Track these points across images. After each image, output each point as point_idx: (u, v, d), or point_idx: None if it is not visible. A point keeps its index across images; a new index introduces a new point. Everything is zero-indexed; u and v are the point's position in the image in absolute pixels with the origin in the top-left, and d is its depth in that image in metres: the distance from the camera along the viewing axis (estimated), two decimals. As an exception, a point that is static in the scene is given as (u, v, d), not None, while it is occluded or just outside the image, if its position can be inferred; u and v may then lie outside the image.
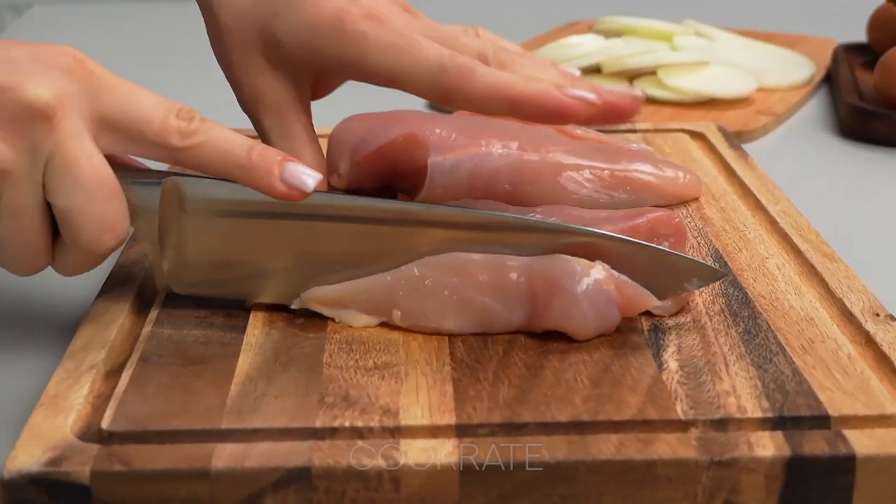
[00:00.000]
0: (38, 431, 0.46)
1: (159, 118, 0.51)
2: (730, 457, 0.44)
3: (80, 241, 0.51)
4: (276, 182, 0.51)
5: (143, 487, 0.44)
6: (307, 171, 0.51)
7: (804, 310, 0.56)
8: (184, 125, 0.51)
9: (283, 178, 0.51)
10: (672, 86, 0.95)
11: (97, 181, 0.50)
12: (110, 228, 0.51)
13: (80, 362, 0.51)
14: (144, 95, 0.51)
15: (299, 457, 0.44)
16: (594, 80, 0.98)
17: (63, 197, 0.50)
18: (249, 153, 0.51)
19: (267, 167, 0.51)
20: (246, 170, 0.51)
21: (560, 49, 1.02)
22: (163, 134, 0.51)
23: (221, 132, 0.52)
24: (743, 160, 0.77)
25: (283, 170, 0.51)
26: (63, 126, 0.49)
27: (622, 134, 0.83)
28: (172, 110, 0.51)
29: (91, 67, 0.51)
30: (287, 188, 0.51)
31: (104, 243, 0.51)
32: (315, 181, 0.51)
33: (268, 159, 0.51)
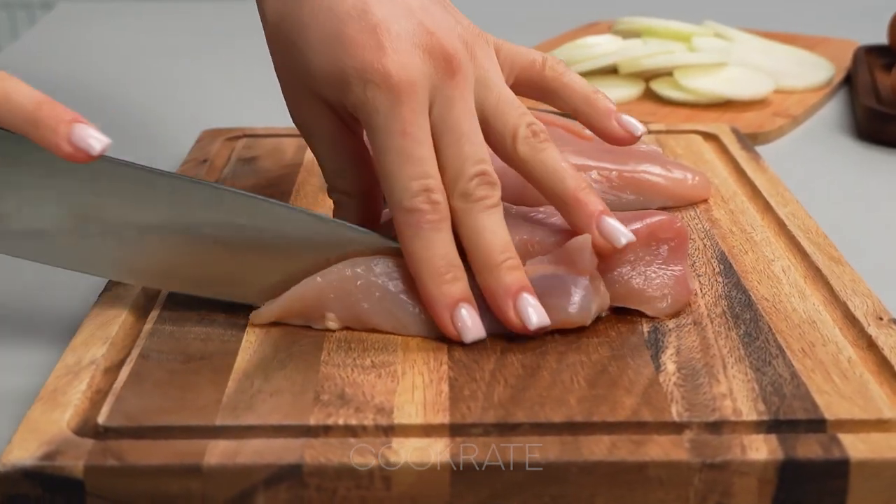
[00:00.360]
0: (35, 426, 0.46)
1: None
2: (722, 459, 0.44)
3: None
4: (63, 141, 0.50)
5: (135, 483, 0.44)
6: (95, 133, 0.50)
7: (807, 313, 0.55)
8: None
9: (70, 139, 0.50)
10: (688, 87, 0.95)
11: None
12: None
13: (80, 358, 0.51)
14: None
15: (291, 454, 0.44)
16: (610, 81, 0.98)
17: None
18: (38, 108, 0.50)
19: (54, 125, 0.50)
20: (33, 125, 0.50)
21: (577, 49, 1.02)
22: None
23: (14, 85, 0.51)
24: (755, 162, 0.76)
25: (70, 130, 0.50)
26: None
27: (635, 135, 0.83)
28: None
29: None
30: (73, 149, 0.50)
31: None
32: (102, 145, 0.50)
33: (56, 117, 0.50)
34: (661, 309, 0.55)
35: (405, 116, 0.53)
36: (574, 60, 1.00)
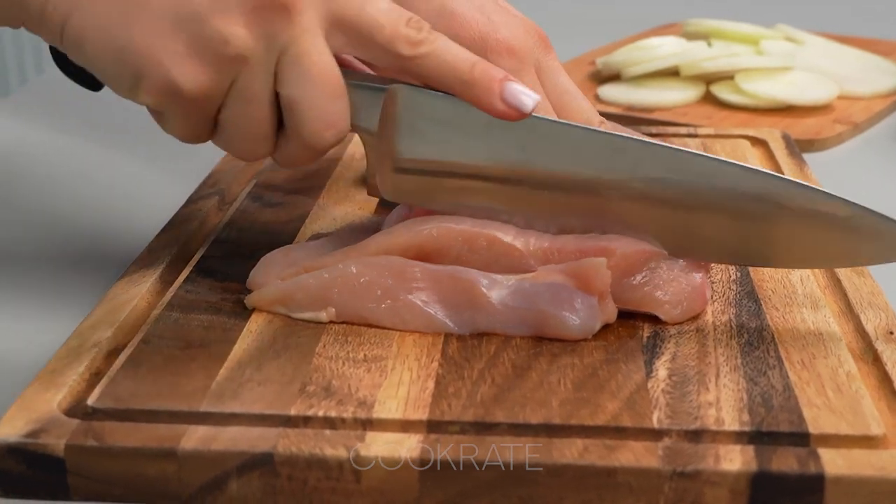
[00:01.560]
0: (28, 404, 0.48)
1: (390, 24, 0.52)
2: (693, 468, 0.44)
3: (302, 133, 0.52)
4: (496, 100, 0.52)
5: (113, 463, 0.45)
6: (526, 91, 0.52)
7: (815, 324, 0.54)
8: (413, 34, 0.52)
9: (503, 97, 0.52)
10: (748, 91, 0.93)
11: (324, 77, 0.51)
12: (332, 125, 0.52)
13: (84, 340, 0.53)
14: (379, 1, 0.52)
15: (265, 443, 0.45)
16: (670, 83, 0.97)
17: (291, 88, 0.51)
18: (473, 68, 0.52)
19: (487, 84, 0.52)
20: (468, 85, 0.52)
21: (639, 50, 1.01)
22: (392, 40, 0.52)
23: (447, 45, 0.52)
24: (798, 169, 0.75)
25: (503, 88, 0.52)
26: (300, 20, 0.50)
27: (681, 138, 0.82)
28: (403, 18, 0.52)
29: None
30: (506, 107, 0.52)
31: (324, 139, 0.52)
32: (534, 102, 0.52)
33: (489, 76, 0.52)
34: (673, 315, 0.54)
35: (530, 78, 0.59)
36: (635, 62, 0.99)
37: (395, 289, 0.53)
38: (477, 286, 0.53)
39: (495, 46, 0.58)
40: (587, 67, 1.06)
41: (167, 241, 0.63)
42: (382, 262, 0.54)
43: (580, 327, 0.52)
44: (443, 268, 0.54)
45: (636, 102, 0.94)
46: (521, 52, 0.58)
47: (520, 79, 0.57)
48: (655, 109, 0.93)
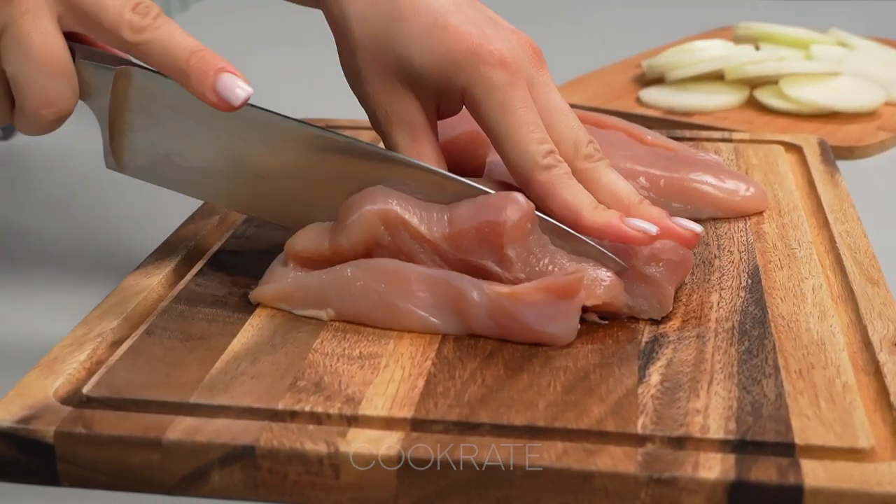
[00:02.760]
0: (25, 391, 0.49)
1: (115, 9, 0.53)
2: (670, 475, 0.43)
3: (24, 109, 0.54)
4: (209, 91, 0.52)
5: (100, 451, 0.46)
6: (241, 84, 0.53)
7: (820, 334, 0.54)
8: (136, 19, 0.53)
9: (216, 88, 0.52)
10: (791, 96, 0.92)
11: (44, 57, 0.53)
12: (49, 104, 0.54)
13: (90, 330, 0.54)
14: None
15: (247, 436, 0.46)
16: (714, 86, 0.96)
17: (11, 65, 0.53)
18: (190, 58, 0.53)
19: (202, 75, 0.53)
20: (184, 74, 0.53)
21: (684, 53, 1.00)
22: (117, 25, 0.53)
23: (170, 32, 0.53)
24: (829, 176, 0.74)
25: (216, 80, 0.52)
26: (21, 1, 0.52)
27: (714, 143, 0.81)
28: (129, 4, 0.53)
29: None
30: (217, 98, 0.53)
31: (43, 116, 0.54)
32: (246, 94, 0.53)
33: (204, 66, 0.53)
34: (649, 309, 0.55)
35: (522, 93, 0.58)
36: (679, 65, 0.98)
37: (388, 293, 0.54)
38: (466, 295, 0.53)
39: (487, 58, 0.58)
40: (633, 70, 1.06)
41: (185, 235, 0.64)
42: (378, 266, 0.54)
43: (563, 336, 0.53)
44: (436, 273, 0.54)
45: (676, 106, 0.93)
46: (512, 65, 0.58)
47: (513, 93, 0.58)
48: (695, 113, 0.92)
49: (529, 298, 0.52)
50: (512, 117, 0.58)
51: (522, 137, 0.58)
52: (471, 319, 0.53)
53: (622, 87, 1.00)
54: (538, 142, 0.58)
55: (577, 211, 0.57)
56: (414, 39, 0.59)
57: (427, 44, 0.59)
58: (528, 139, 0.58)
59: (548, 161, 0.57)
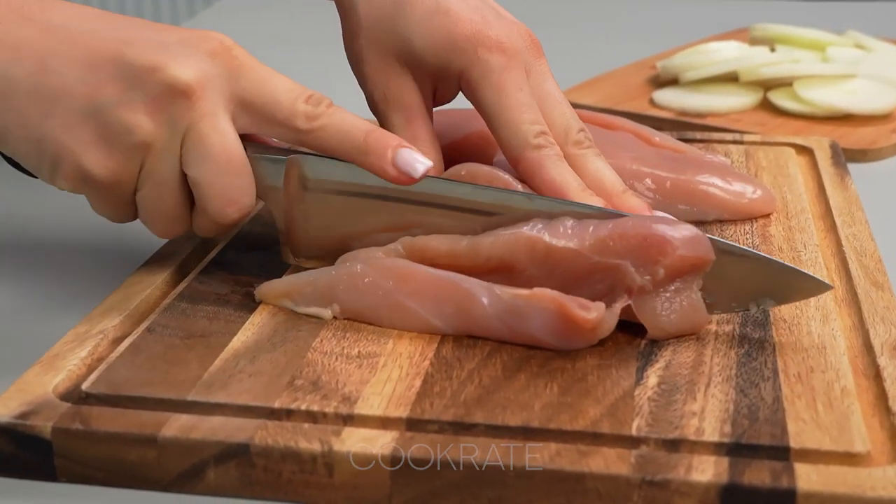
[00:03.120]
0: (25, 387, 0.49)
1: (289, 102, 0.54)
2: (662, 478, 0.43)
3: (207, 210, 0.55)
4: (388, 166, 0.54)
5: (97, 447, 0.46)
6: (419, 157, 0.54)
7: (821, 337, 0.53)
8: (310, 110, 0.54)
9: (395, 163, 0.54)
10: (805, 98, 0.91)
11: (225, 157, 0.54)
12: (233, 202, 0.55)
13: (92, 326, 0.54)
14: (279, 81, 0.55)
15: (243, 434, 0.46)
16: (727, 88, 0.96)
17: (194, 169, 0.54)
18: (367, 137, 0.54)
19: (381, 151, 0.54)
20: (362, 153, 0.54)
21: (698, 55, 1.00)
22: (291, 117, 0.54)
23: (343, 117, 0.55)
24: (840, 178, 0.73)
25: (395, 155, 0.54)
26: (200, 105, 0.53)
27: (724, 145, 0.81)
28: (303, 96, 0.55)
29: (235, 53, 0.54)
30: (398, 173, 0.54)
31: (228, 215, 0.55)
32: (425, 168, 0.54)
33: (382, 144, 0.54)
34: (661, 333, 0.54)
35: (517, 76, 0.60)
36: (693, 66, 0.98)
37: (395, 291, 0.54)
38: (475, 297, 0.53)
39: (486, 42, 0.60)
40: (648, 71, 1.05)
41: (190, 233, 0.65)
42: (387, 264, 0.55)
43: (567, 348, 0.52)
44: (445, 274, 0.54)
45: (689, 107, 0.93)
46: (510, 50, 0.60)
47: (508, 76, 0.60)
48: (708, 115, 0.92)
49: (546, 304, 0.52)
50: (506, 98, 0.60)
51: (515, 117, 0.60)
52: (475, 321, 0.53)
53: (636, 89, 1.00)
54: (530, 122, 0.60)
55: (564, 191, 0.58)
56: (416, 22, 0.62)
57: (428, 27, 0.61)
58: (520, 119, 0.60)
59: (539, 141, 0.59)
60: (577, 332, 0.51)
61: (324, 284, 0.55)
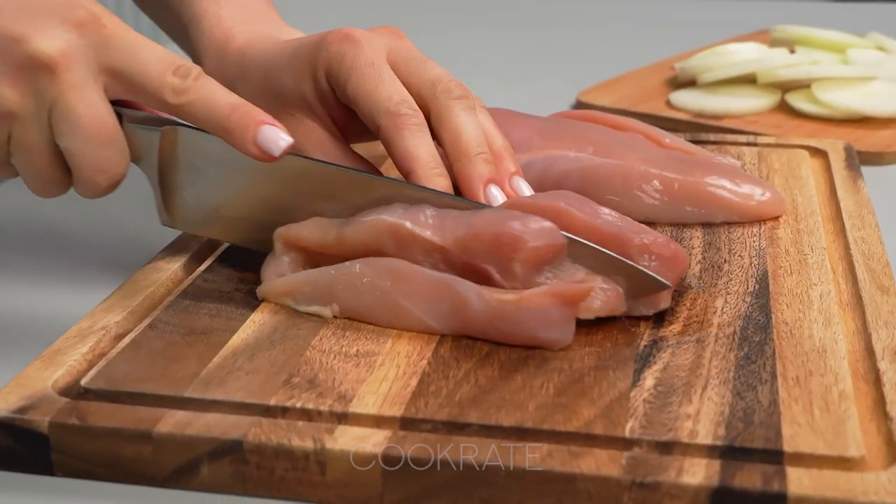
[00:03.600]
0: (25, 381, 0.50)
1: (157, 74, 0.54)
2: (653, 480, 0.43)
3: (79, 178, 0.56)
4: (250, 144, 0.54)
5: (94, 443, 0.47)
6: (282, 135, 0.54)
7: (822, 341, 0.53)
8: (177, 82, 0.54)
9: (256, 141, 0.54)
10: (823, 101, 0.91)
11: (94, 128, 0.54)
12: (103, 171, 0.55)
13: (94, 322, 0.55)
14: (149, 51, 0.55)
15: (237, 431, 0.46)
16: (745, 90, 0.96)
17: (63, 139, 0.54)
18: (231, 113, 0.54)
19: (244, 128, 0.54)
20: (225, 129, 0.54)
21: (715, 56, 0.99)
22: (159, 89, 0.54)
23: (210, 90, 0.55)
24: (852, 181, 0.73)
25: (257, 132, 0.54)
26: (65, 77, 0.53)
27: (738, 147, 0.80)
28: (171, 67, 0.54)
29: (104, 21, 0.54)
30: (259, 151, 0.54)
31: (98, 183, 0.55)
32: (286, 144, 0.54)
33: (245, 120, 0.54)
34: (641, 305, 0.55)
35: (368, 54, 0.61)
36: (711, 67, 0.97)
37: (393, 291, 0.54)
38: (466, 299, 0.53)
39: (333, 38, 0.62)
40: (667, 72, 1.05)
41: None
42: (385, 265, 0.55)
43: (559, 341, 0.52)
44: (441, 276, 0.54)
45: (706, 109, 0.93)
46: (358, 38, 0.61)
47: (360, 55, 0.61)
48: (724, 117, 0.92)
49: (535, 304, 0.52)
50: (360, 75, 0.60)
51: (371, 89, 0.60)
52: (469, 323, 0.53)
53: (653, 90, 1.00)
54: (387, 91, 0.60)
55: (411, 163, 0.58)
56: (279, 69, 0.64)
57: (293, 59, 0.63)
58: (377, 89, 0.60)
59: (396, 108, 0.59)
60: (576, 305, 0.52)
61: (323, 284, 0.56)
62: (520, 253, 0.53)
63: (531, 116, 0.72)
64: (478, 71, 1.11)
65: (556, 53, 1.20)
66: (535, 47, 1.23)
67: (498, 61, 1.16)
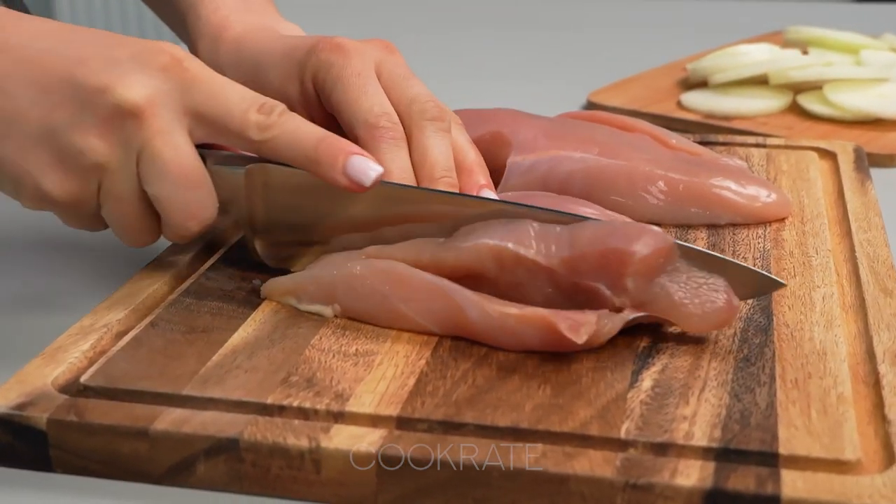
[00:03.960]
0: (25, 378, 0.50)
1: (241, 112, 0.55)
2: (646, 481, 0.43)
3: (169, 224, 0.56)
4: (339, 175, 0.54)
5: (91, 439, 0.47)
6: (371, 164, 0.54)
7: (822, 344, 0.53)
8: (262, 119, 0.55)
9: (346, 171, 0.54)
10: (834, 102, 0.91)
11: (181, 172, 0.54)
12: (193, 216, 0.55)
13: (97, 320, 0.55)
14: (232, 91, 0.55)
15: (233, 429, 0.46)
16: (756, 91, 0.95)
17: (152, 186, 0.55)
18: (318, 145, 0.55)
19: (332, 160, 0.54)
20: (313, 162, 0.55)
21: (727, 57, 0.99)
22: (243, 128, 0.55)
23: (295, 125, 0.55)
24: (859, 184, 0.73)
25: (346, 162, 0.54)
26: (151, 123, 0.53)
27: (746, 148, 0.80)
28: (254, 106, 0.55)
29: (187, 65, 0.55)
30: (348, 181, 0.54)
31: (189, 228, 0.56)
32: (377, 174, 0.54)
33: (333, 152, 0.54)
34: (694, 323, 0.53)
35: (356, 65, 0.61)
36: (722, 68, 0.97)
37: (392, 296, 0.54)
38: (463, 310, 0.52)
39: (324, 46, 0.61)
40: (679, 73, 1.05)
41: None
42: (385, 268, 0.55)
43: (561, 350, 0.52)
44: (438, 282, 0.53)
45: (717, 110, 0.92)
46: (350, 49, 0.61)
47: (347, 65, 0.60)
48: (735, 118, 0.91)
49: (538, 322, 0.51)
50: (346, 85, 0.60)
51: (354, 99, 0.59)
52: (467, 329, 0.53)
53: (665, 91, 1.00)
54: (369, 103, 0.59)
55: (383, 177, 0.56)
56: (269, 64, 0.64)
57: (279, 61, 0.63)
58: (359, 100, 0.59)
59: (375, 120, 0.59)
60: (569, 347, 0.51)
61: (325, 284, 0.56)
62: (629, 267, 0.52)
63: (537, 117, 0.72)
64: (488, 71, 1.11)
65: (568, 54, 1.20)
66: (546, 48, 1.22)
67: (509, 61, 1.16)
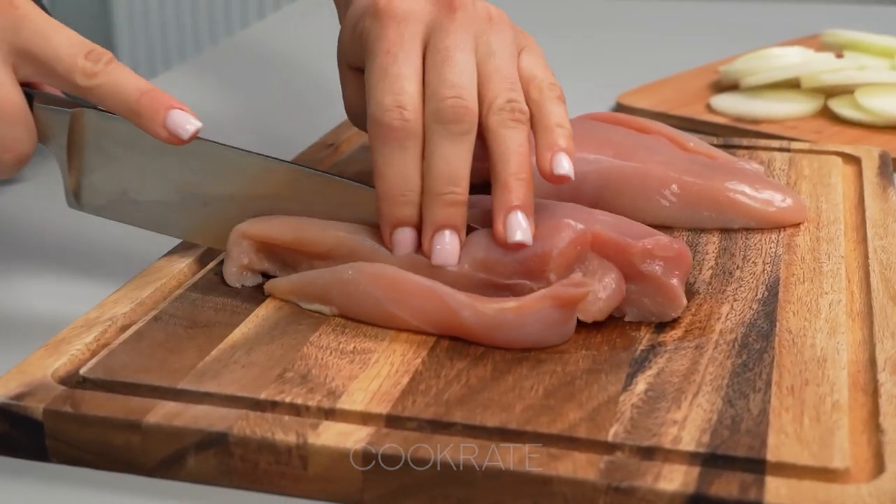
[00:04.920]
0: (26, 369, 0.51)
1: (69, 57, 0.55)
2: (629, 485, 0.43)
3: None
4: (159, 127, 0.55)
5: (86, 430, 0.48)
6: (191, 119, 0.55)
7: (823, 351, 0.52)
8: (89, 66, 0.55)
9: (166, 124, 0.54)
10: (865, 107, 0.89)
11: (1, 107, 0.55)
12: (9, 150, 0.56)
13: (102, 313, 0.56)
14: (62, 35, 0.56)
15: (223, 423, 0.47)
16: (788, 94, 0.94)
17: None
18: (140, 98, 0.55)
19: (153, 112, 0.55)
20: (135, 113, 0.55)
21: (759, 60, 0.98)
22: (70, 72, 0.55)
23: (122, 75, 0.55)
24: (881, 189, 0.72)
25: (167, 116, 0.55)
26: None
27: (769, 152, 0.79)
28: (83, 52, 0.55)
29: (18, 4, 0.56)
30: (168, 133, 0.55)
31: (4, 161, 0.56)
32: (195, 129, 0.55)
33: (154, 105, 0.55)
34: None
35: (390, 37, 0.56)
36: (754, 71, 0.96)
37: (385, 300, 0.54)
38: (456, 313, 0.52)
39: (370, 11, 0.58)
40: (711, 76, 1.04)
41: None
42: (376, 272, 0.55)
43: (560, 339, 0.53)
44: (431, 285, 0.54)
45: (746, 113, 0.92)
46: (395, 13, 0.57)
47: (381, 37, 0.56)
48: (764, 121, 0.91)
49: (536, 309, 0.52)
50: (373, 63, 0.56)
51: (372, 85, 0.56)
52: (462, 329, 0.53)
53: (695, 93, 0.99)
54: (384, 90, 0.55)
55: (378, 181, 0.55)
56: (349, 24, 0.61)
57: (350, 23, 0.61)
58: (377, 86, 0.55)
59: (382, 116, 0.55)
60: (568, 334, 0.52)
61: (321, 286, 0.56)
62: (551, 263, 0.53)
63: (554, 118, 0.71)
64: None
65: (599, 55, 1.19)
66: (577, 48, 1.22)
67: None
